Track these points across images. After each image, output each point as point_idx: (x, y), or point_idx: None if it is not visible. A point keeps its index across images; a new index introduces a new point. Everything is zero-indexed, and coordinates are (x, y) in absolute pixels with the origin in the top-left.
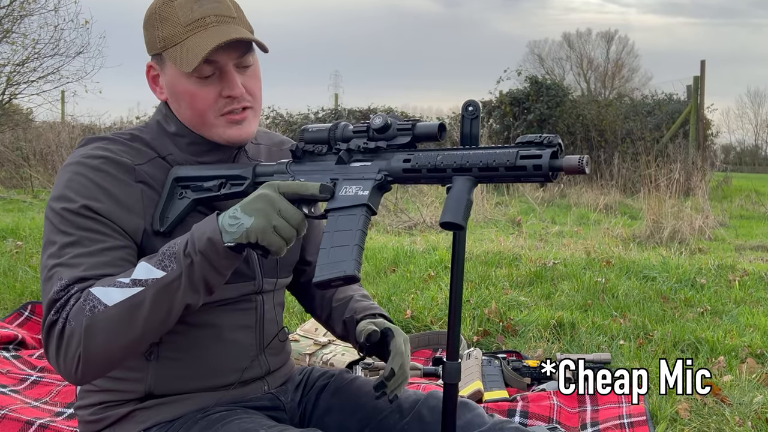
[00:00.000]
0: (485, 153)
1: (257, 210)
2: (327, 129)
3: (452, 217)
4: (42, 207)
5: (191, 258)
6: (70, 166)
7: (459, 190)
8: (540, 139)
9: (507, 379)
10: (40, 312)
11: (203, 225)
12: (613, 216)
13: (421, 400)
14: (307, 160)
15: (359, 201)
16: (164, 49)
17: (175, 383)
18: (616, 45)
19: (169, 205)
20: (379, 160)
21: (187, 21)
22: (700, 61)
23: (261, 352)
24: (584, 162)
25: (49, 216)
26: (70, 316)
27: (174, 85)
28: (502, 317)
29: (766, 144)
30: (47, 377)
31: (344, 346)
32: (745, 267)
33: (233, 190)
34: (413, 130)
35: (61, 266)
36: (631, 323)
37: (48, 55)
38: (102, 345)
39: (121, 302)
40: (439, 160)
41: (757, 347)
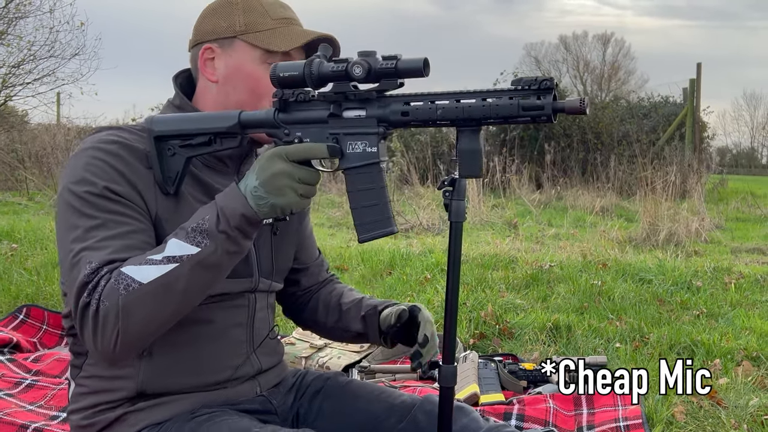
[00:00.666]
0: (486, 106)
1: (281, 188)
2: (300, 68)
3: (470, 171)
4: (37, 209)
5: (226, 233)
6: (86, 151)
7: (468, 142)
8: (536, 84)
9: (503, 382)
10: (35, 315)
11: (231, 201)
12: (609, 218)
13: (417, 405)
14: (292, 108)
15: (371, 159)
16: (244, 33)
17: (167, 381)
18: (612, 47)
19: (164, 165)
20: (373, 108)
21: (276, 17)
22: (696, 64)
23: (252, 350)
24: (585, 103)
25: (69, 199)
26: (102, 297)
27: (239, 68)
28: (499, 320)
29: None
30: (42, 381)
31: (340, 349)
32: (741, 269)
33: (227, 145)
34: (397, 71)
35: (89, 250)
36: (627, 326)
37: (43, 57)
38: (140, 321)
39: (157, 279)
40: (439, 114)
41: (752, 350)
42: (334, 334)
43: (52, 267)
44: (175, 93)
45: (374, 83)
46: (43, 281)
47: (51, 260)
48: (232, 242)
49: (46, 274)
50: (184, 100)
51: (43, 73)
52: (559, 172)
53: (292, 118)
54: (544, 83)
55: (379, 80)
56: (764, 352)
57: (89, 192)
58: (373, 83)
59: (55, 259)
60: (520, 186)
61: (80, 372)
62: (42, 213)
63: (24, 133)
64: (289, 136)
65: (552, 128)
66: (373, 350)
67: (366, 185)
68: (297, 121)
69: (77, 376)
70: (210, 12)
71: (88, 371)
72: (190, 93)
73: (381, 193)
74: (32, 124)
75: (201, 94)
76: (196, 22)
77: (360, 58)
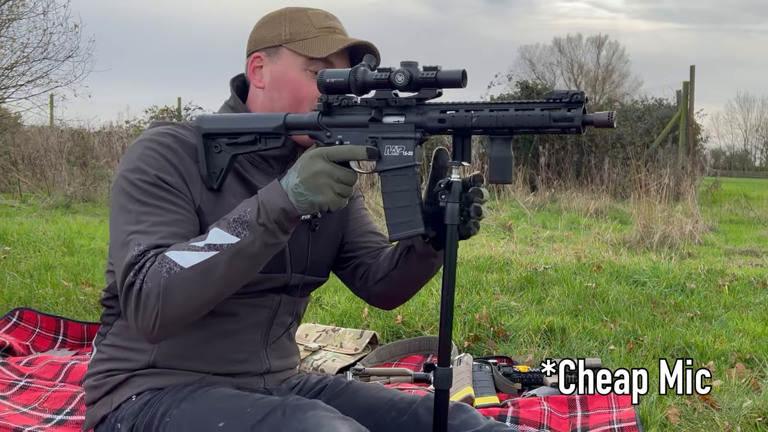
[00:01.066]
0: (518, 116)
1: (320, 186)
2: (346, 75)
3: (501, 176)
4: (30, 212)
5: (266, 226)
6: (142, 142)
7: (501, 150)
8: (568, 97)
9: (498, 384)
10: (28, 318)
11: (272, 196)
12: (603, 221)
13: (418, 401)
14: (336, 112)
15: (407, 162)
16: (289, 41)
17: (176, 361)
18: (606, 50)
19: (210, 161)
20: (412, 115)
21: (320, 26)
22: (690, 67)
23: (264, 351)
24: (613, 116)
25: (124, 186)
26: (146, 278)
27: (283, 75)
28: (493, 322)
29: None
30: (36, 383)
31: (335, 351)
32: (734, 272)
33: (271, 145)
34: (437, 81)
35: (139, 233)
36: (621, 328)
37: (37, 59)
38: (179, 304)
39: (198, 264)
40: (474, 123)
41: (746, 352)
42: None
43: (45, 270)
44: (231, 95)
45: (414, 92)
46: (36, 284)
47: (44, 263)
48: (271, 235)
49: (39, 277)
50: (237, 101)
51: (37, 75)
52: (553, 175)
53: (335, 121)
54: (575, 97)
55: (419, 89)
56: (757, 354)
57: (142, 180)
58: (413, 92)
59: (48, 262)
60: (515, 188)
61: (103, 339)
62: (35, 215)
63: (17, 135)
64: (330, 138)
65: None
66: (367, 353)
67: (400, 187)
68: (339, 124)
69: (100, 343)
70: (262, 23)
71: (110, 340)
72: (245, 95)
73: (414, 195)
74: (25, 126)
75: (252, 98)
76: (250, 33)
77: (402, 67)
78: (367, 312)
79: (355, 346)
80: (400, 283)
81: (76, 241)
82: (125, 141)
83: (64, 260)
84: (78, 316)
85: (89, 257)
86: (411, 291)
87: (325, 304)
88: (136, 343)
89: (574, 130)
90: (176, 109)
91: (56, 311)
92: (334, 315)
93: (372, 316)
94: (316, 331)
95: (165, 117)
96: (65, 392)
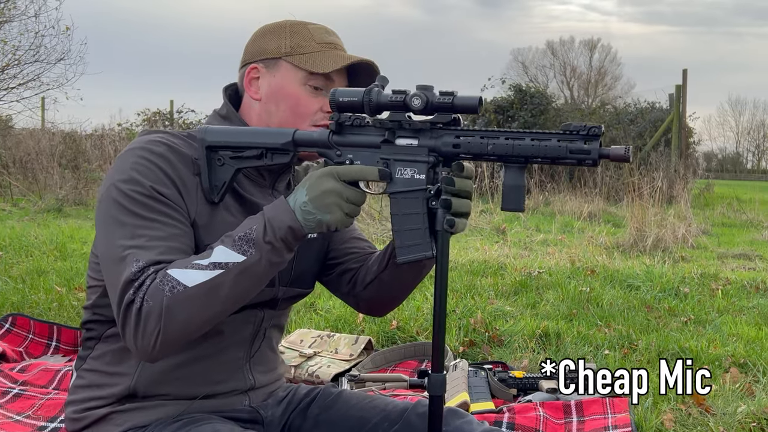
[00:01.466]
0: (535, 146)
1: (329, 205)
2: (360, 94)
3: (514, 205)
4: (22, 215)
5: (272, 244)
6: (135, 151)
7: (514, 178)
8: (585, 130)
9: (493, 390)
10: (21, 324)
11: (279, 213)
12: (596, 224)
13: (410, 408)
14: (347, 132)
15: (418, 185)
16: (289, 54)
17: (160, 386)
18: (599, 53)
19: (212, 174)
20: (425, 139)
21: (321, 41)
22: (682, 70)
23: (247, 366)
24: (629, 151)
25: (117, 197)
26: (147, 296)
27: (281, 88)
28: (488, 327)
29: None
30: (30, 390)
31: (330, 357)
32: (727, 276)
33: (278, 161)
34: (453, 107)
35: (137, 248)
36: (615, 333)
37: (28, 62)
38: (181, 323)
39: (203, 283)
40: (489, 150)
41: (740, 356)
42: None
43: (38, 275)
44: (223, 103)
45: (429, 115)
46: (29, 289)
47: (36, 268)
48: (276, 253)
49: (31, 282)
50: (231, 111)
51: (28, 78)
52: (546, 178)
53: (346, 140)
54: (593, 130)
55: (435, 113)
56: (751, 359)
57: (137, 191)
58: (428, 115)
59: (41, 267)
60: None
61: (83, 364)
62: (27, 219)
63: (8, 138)
64: (340, 157)
65: None
66: (362, 359)
67: (410, 210)
68: (350, 144)
69: (80, 368)
70: (260, 34)
71: (90, 365)
72: (237, 105)
73: (423, 219)
74: (16, 129)
75: (246, 109)
76: (247, 44)
77: (419, 90)
78: (362, 317)
79: (351, 352)
80: (391, 286)
81: (69, 245)
82: (117, 144)
83: (57, 265)
84: (71, 322)
85: (82, 262)
86: (401, 295)
87: (320, 310)
88: (117, 367)
89: (590, 163)
90: (168, 112)
91: (49, 317)
92: (328, 320)
93: (367, 321)
94: (311, 336)
95: (157, 120)
96: (59, 400)
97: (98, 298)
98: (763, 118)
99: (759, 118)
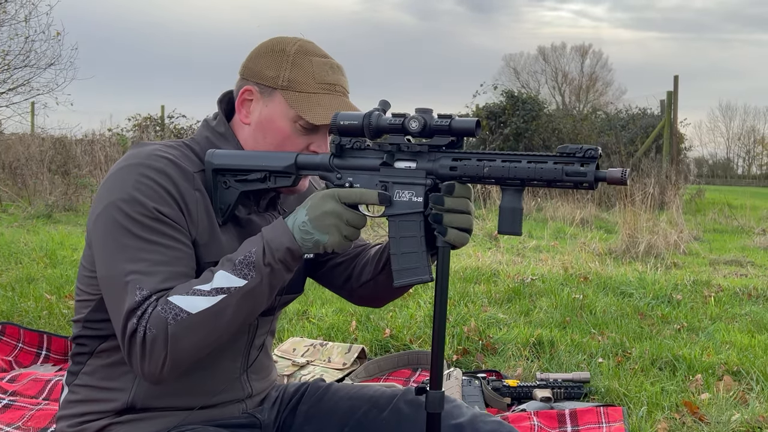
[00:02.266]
0: (531, 168)
1: (329, 226)
2: (360, 118)
3: (510, 228)
4: (11, 221)
5: (271, 267)
6: (136, 167)
7: (511, 201)
8: (581, 153)
9: (487, 399)
10: (10, 333)
11: (278, 235)
12: (589, 230)
13: (399, 395)
14: (347, 154)
15: (416, 208)
16: (285, 88)
17: (157, 399)
18: (590, 59)
19: (217, 196)
20: (423, 161)
21: (321, 80)
22: (674, 77)
23: (244, 376)
24: (626, 174)
25: (118, 218)
26: (150, 324)
27: (272, 120)
28: (482, 335)
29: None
30: (19, 401)
31: (323, 366)
32: (719, 282)
33: (281, 184)
34: (450, 130)
35: (139, 274)
36: (609, 341)
37: (18, 67)
38: (188, 348)
39: (206, 309)
40: (485, 172)
41: (733, 364)
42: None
43: (27, 282)
44: (219, 119)
45: (427, 138)
46: (18, 297)
47: (26, 275)
48: (276, 275)
49: (21, 290)
50: (228, 131)
51: (18, 83)
52: None
53: (346, 163)
54: (589, 152)
55: (433, 136)
56: (745, 367)
57: (140, 212)
58: (427, 138)
59: (30, 274)
60: (500, 197)
61: (75, 379)
62: (16, 225)
63: None
64: (341, 179)
65: (532, 140)
66: (355, 368)
67: (408, 233)
68: (350, 167)
69: (71, 383)
70: (262, 53)
71: (83, 380)
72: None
73: (421, 242)
74: (6, 134)
75: (237, 125)
76: (249, 56)
77: (417, 114)
78: (355, 325)
79: (344, 361)
80: (387, 286)
81: (59, 252)
82: (108, 150)
83: (47, 272)
84: (61, 330)
85: (72, 269)
86: (397, 293)
87: (312, 317)
88: (112, 382)
89: (587, 186)
90: (159, 117)
91: (39, 325)
92: (321, 328)
93: (360, 330)
94: (304, 345)
95: (148, 125)
96: (49, 410)
97: (90, 313)
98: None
99: (749, 124)
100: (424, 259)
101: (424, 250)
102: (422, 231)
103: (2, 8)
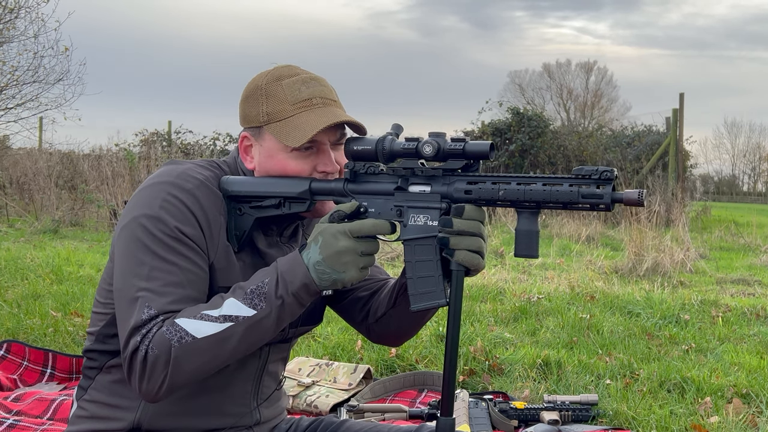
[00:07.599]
0: (546, 191)
1: (345, 264)
2: (373, 143)
3: (527, 251)
4: (17, 236)
5: (283, 299)
6: (164, 185)
7: (527, 224)
8: (597, 174)
9: (494, 421)
10: (15, 351)
11: (293, 269)
12: (594, 247)
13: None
14: (361, 179)
15: (431, 232)
16: (267, 123)
17: (165, 420)
18: (595, 75)
19: (232, 223)
20: (438, 185)
21: (295, 100)
22: (679, 94)
23: (254, 402)
24: (643, 195)
25: (139, 234)
26: (152, 344)
27: (270, 157)
28: (488, 355)
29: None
30: (24, 421)
31: (328, 387)
32: (727, 302)
33: (296, 210)
34: (464, 153)
35: (150, 292)
36: (617, 362)
37: (27, 83)
38: (188, 372)
39: (211, 336)
40: (501, 195)
41: (742, 386)
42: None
43: (33, 299)
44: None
45: (441, 162)
46: (24, 314)
47: (32, 292)
48: (287, 308)
49: (27, 307)
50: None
51: (27, 99)
52: None
53: (361, 188)
54: (605, 174)
55: (447, 159)
56: (754, 390)
57: (161, 230)
58: (441, 162)
59: (36, 291)
60: (506, 214)
61: (84, 394)
62: (22, 240)
63: (5, 158)
64: None
65: (537, 156)
66: (361, 388)
67: (423, 257)
68: (365, 191)
69: (81, 398)
70: (245, 96)
71: (92, 396)
72: None
73: (437, 266)
74: (14, 149)
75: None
76: (239, 104)
77: (431, 138)
78: (361, 345)
79: (349, 381)
80: (401, 321)
81: (65, 268)
82: (114, 165)
83: (53, 289)
84: (67, 348)
85: (78, 286)
86: (412, 329)
87: (318, 336)
88: (121, 399)
89: (604, 208)
90: (166, 132)
91: (44, 343)
92: (327, 347)
93: (366, 349)
94: (309, 365)
95: (155, 140)
96: (54, 430)
97: (105, 327)
98: (759, 140)
99: (755, 141)
100: (440, 283)
101: (440, 274)
102: (438, 255)
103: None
